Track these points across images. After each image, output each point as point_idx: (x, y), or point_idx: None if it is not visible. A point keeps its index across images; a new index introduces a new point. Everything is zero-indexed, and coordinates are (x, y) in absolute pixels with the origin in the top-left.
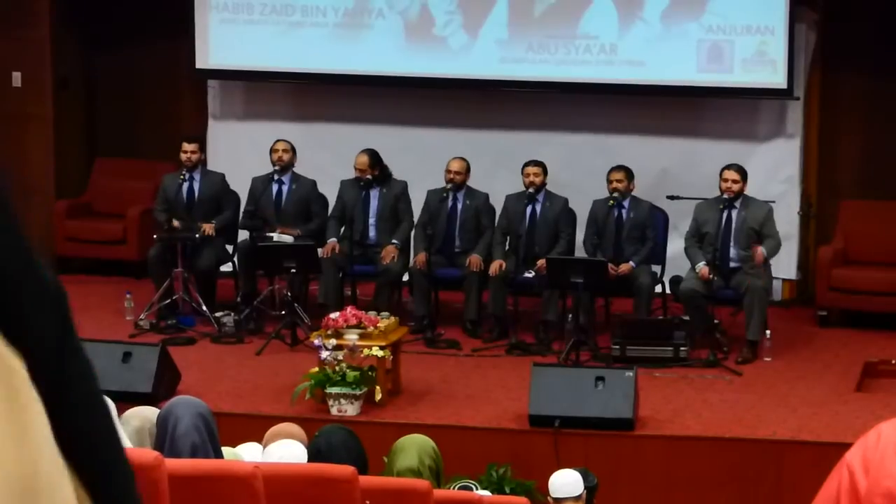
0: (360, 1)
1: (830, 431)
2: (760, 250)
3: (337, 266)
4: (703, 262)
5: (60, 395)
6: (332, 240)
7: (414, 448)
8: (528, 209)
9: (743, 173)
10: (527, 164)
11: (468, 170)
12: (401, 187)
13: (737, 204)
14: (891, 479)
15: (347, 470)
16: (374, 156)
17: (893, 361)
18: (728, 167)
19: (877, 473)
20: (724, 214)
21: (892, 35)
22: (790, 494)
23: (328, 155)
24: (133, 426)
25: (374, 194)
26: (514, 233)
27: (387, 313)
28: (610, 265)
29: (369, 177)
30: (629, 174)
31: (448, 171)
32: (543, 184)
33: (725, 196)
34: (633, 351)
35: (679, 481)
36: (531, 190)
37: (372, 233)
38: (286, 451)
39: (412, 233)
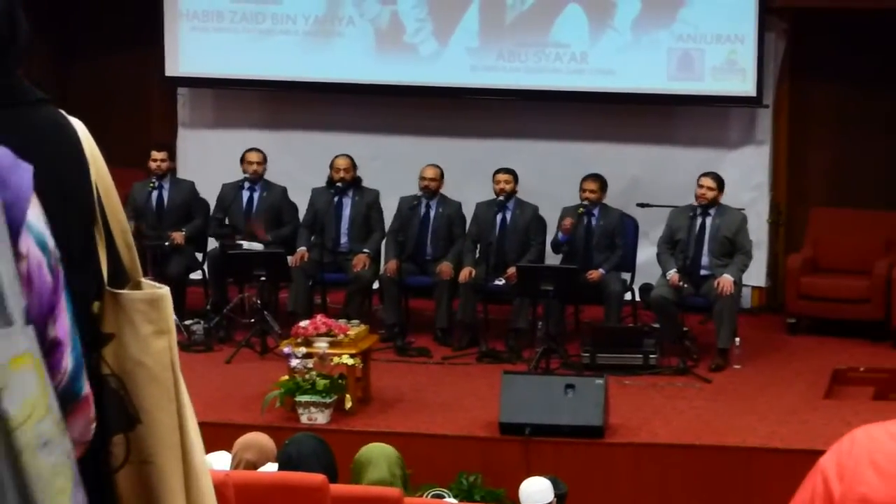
0: (331, 9)
1: (800, 438)
2: (726, 279)
3: (307, 274)
4: (674, 270)
5: None
6: (302, 248)
7: (382, 459)
8: (499, 217)
9: (719, 182)
10: (497, 172)
11: (442, 177)
12: (373, 196)
13: (711, 212)
14: (865, 486)
15: (318, 478)
16: (352, 159)
17: (862, 368)
18: (705, 174)
19: (851, 480)
20: (698, 222)
21: (860, 44)
22: (760, 502)
23: (298, 162)
24: None
25: (347, 202)
26: (485, 240)
27: (357, 321)
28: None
29: (346, 178)
30: (603, 184)
31: (422, 179)
32: (514, 191)
33: (699, 203)
34: (603, 358)
35: (649, 489)
36: (501, 197)
37: (344, 240)
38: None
39: (383, 242)
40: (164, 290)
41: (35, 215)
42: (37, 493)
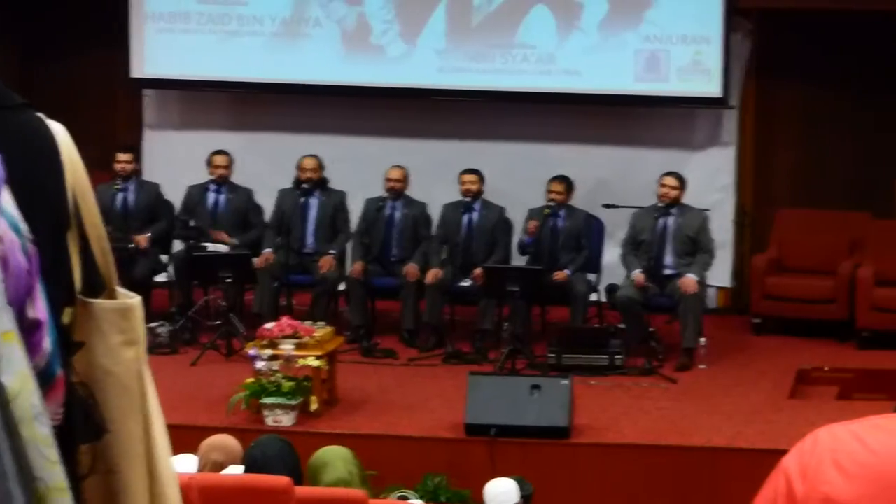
0: (298, 10)
1: (765, 438)
2: (689, 279)
3: (272, 275)
4: (639, 270)
5: None
6: (268, 250)
7: (337, 459)
8: (466, 218)
9: (682, 181)
10: (463, 173)
11: (407, 178)
12: (339, 197)
13: (673, 211)
14: (827, 485)
15: (283, 481)
16: (320, 159)
17: (826, 368)
18: (667, 174)
19: (814, 479)
20: (661, 222)
21: (826, 45)
22: (725, 501)
23: (265, 164)
24: None
25: (314, 203)
26: (452, 241)
27: (323, 323)
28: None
29: (313, 179)
30: (569, 186)
31: (388, 180)
32: (480, 192)
33: (661, 203)
34: (568, 359)
35: (615, 489)
36: (468, 198)
37: (310, 241)
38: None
39: (349, 244)
40: (136, 301)
41: (7, 200)
42: (34, 461)
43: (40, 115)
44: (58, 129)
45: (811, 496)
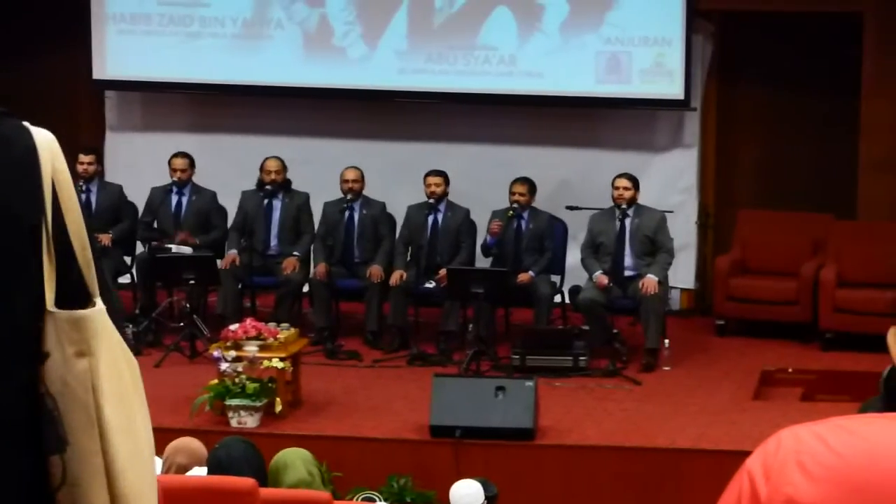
0: (259, 12)
1: (729, 439)
2: (650, 280)
3: (236, 277)
4: (601, 271)
5: None
6: (233, 251)
7: (297, 460)
8: (430, 219)
9: (634, 181)
10: (429, 175)
11: (363, 178)
12: (303, 199)
13: (630, 212)
14: (791, 487)
15: (247, 482)
16: (283, 161)
17: (790, 370)
18: (620, 175)
19: (777, 480)
20: (619, 224)
21: (787, 46)
22: (689, 502)
23: (227, 166)
24: None
25: (277, 205)
26: (416, 243)
27: (287, 324)
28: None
29: (277, 181)
30: (532, 187)
31: (345, 181)
32: (445, 193)
33: (617, 204)
34: (533, 361)
35: (579, 490)
36: (432, 200)
37: (274, 243)
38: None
39: (312, 245)
40: (86, 312)
41: None
42: None
43: (23, 123)
44: (42, 139)
45: (774, 497)
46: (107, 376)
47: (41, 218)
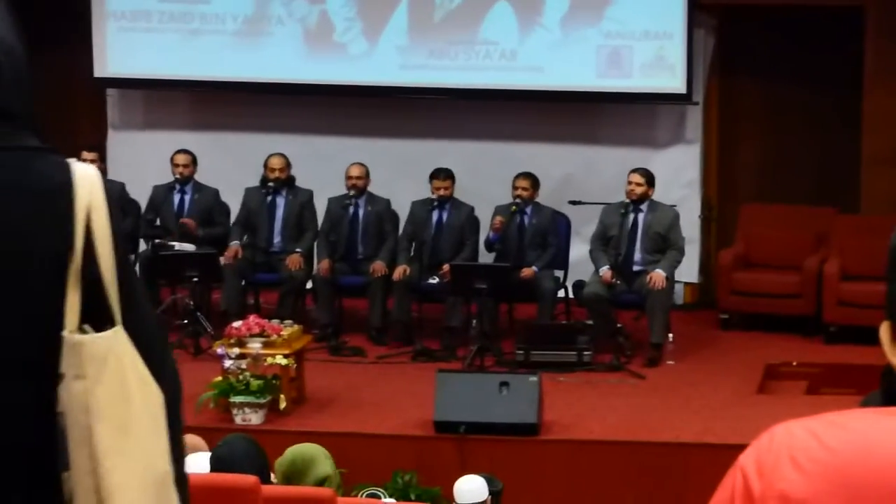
0: (260, 8)
1: (733, 433)
2: (658, 274)
3: (239, 274)
4: (607, 266)
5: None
6: (235, 243)
7: (321, 455)
8: (434, 215)
9: (649, 177)
10: (436, 177)
11: (368, 174)
12: (307, 195)
13: (643, 208)
14: (784, 482)
15: (250, 479)
16: (287, 158)
17: (794, 363)
18: (634, 170)
19: (770, 476)
20: (630, 218)
21: (789, 40)
22: (694, 497)
23: (229, 163)
24: None
25: (280, 202)
26: (420, 239)
27: (290, 321)
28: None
29: (281, 178)
30: (535, 182)
31: (349, 178)
32: (451, 195)
33: (629, 200)
34: (537, 356)
35: (583, 486)
36: (436, 200)
37: (277, 240)
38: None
39: (315, 242)
40: (85, 337)
41: None
42: None
43: (65, 161)
44: (82, 174)
45: (768, 494)
46: (106, 400)
47: (66, 248)
